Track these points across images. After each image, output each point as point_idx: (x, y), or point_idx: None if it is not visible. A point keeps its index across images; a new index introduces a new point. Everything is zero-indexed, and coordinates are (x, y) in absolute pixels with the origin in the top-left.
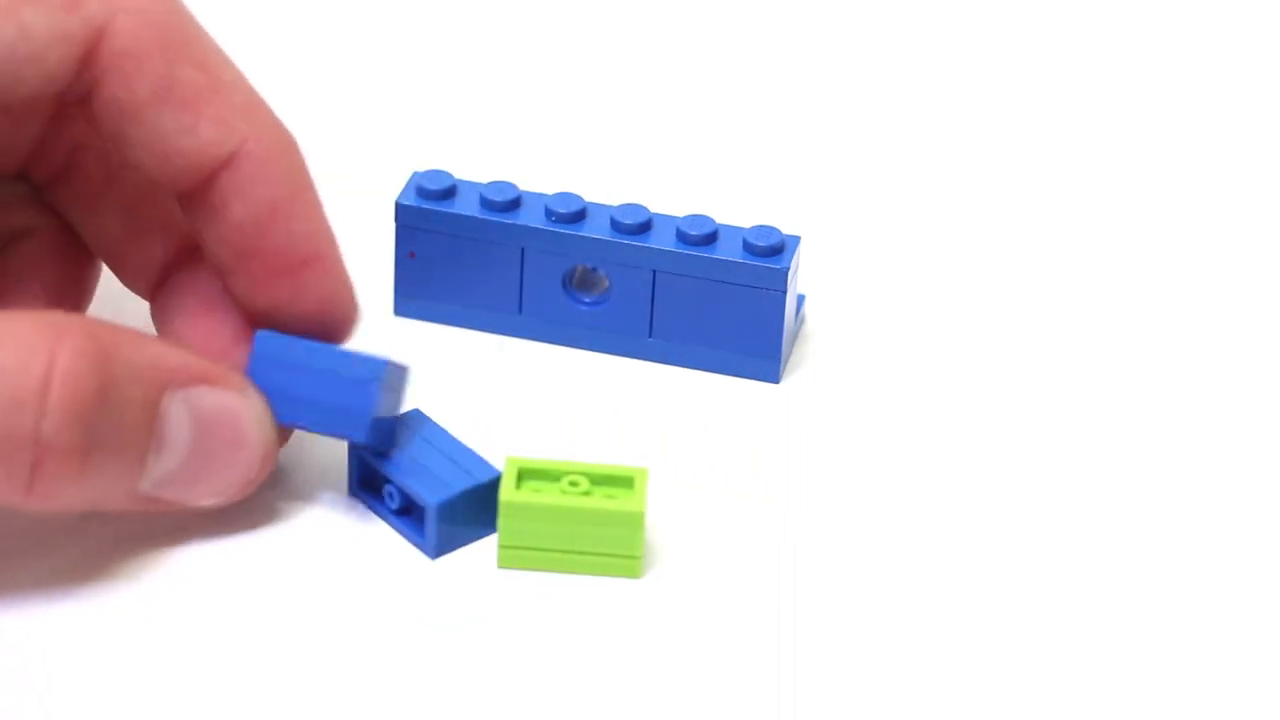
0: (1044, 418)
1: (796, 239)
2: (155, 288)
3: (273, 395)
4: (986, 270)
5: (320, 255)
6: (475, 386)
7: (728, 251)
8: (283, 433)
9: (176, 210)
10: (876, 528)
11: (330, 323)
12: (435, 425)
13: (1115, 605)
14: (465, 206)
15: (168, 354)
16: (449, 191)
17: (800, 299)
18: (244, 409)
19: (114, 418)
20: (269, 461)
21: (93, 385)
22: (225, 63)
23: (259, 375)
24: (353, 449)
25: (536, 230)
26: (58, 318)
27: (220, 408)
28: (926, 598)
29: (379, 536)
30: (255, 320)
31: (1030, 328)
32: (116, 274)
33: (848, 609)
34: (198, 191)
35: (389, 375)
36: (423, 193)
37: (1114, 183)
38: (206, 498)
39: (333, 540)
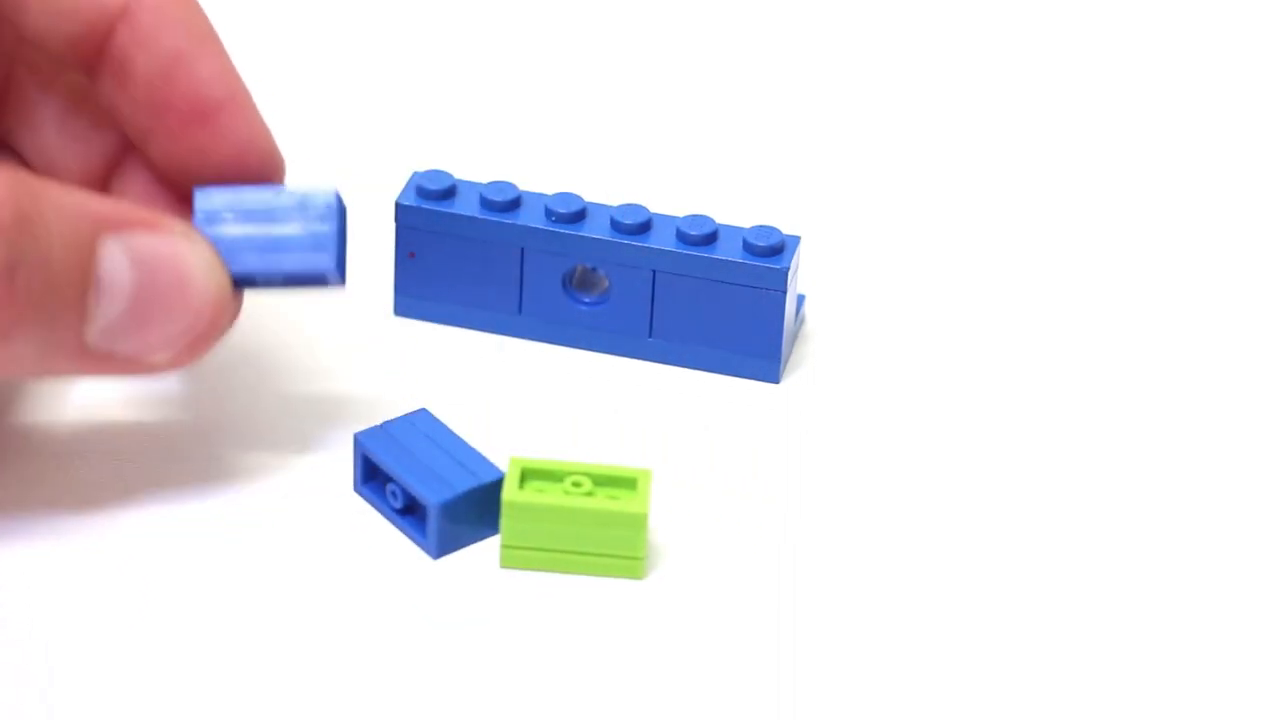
0: (1043, 417)
1: (796, 239)
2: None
3: (225, 247)
4: (986, 270)
5: (232, 98)
6: (475, 386)
7: (728, 251)
8: (237, 296)
9: (105, 113)
10: (876, 528)
11: (254, 168)
12: (441, 425)
13: (1114, 604)
14: (465, 206)
15: (98, 200)
16: (449, 191)
17: (800, 299)
18: (187, 251)
19: (43, 251)
20: (222, 312)
21: (10, 210)
22: None
23: (206, 231)
24: (359, 447)
25: (536, 230)
26: None
27: (161, 251)
28: (926, 597)
29: (382, 535)
30: (179, 185)
31: (1030, 327)
32: None
33: (848, 609)
34: (100, 54)
35: (340, 204)
36: (423, 193)
37: (1113, 183)
38: (158, 351)
39: (335, 539)
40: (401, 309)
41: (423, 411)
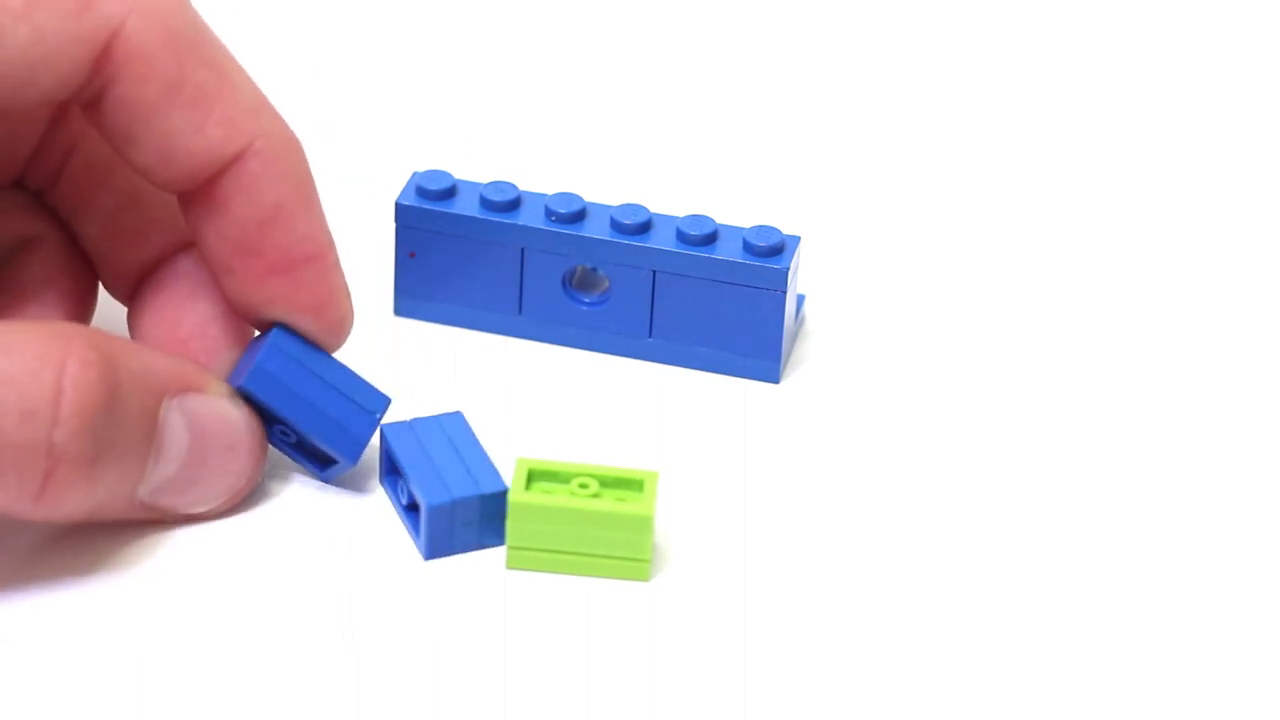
0: (1043, 417)
1: (796, 239)
2: (133, 292)
3: (279, 388)
4: (986, 270)
5: (319, 255)
6: (475, 387)
7: (728, 251)
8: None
9: (155, 217)
10: (877, 527)
11: (324, 324)
12: (469, 431)
13: (1114, 604)
14: (465, 206)
15: (161, 361)
16: (449, 191)
17: (800, 299)
18: (236, 415)
19: (119, 425)
20: (259, 470)
21: (101, 392)
22: (233, 63)
23: (272, 361)
24: (384, 441)
25: (536, 230)
26: (62, 327)
27: (215, 414)
28: (928, 597)
29: (391, 531)
30: (249, 319)
31: (1030, 327)
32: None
33: (850, 609)
34: (201, 190)
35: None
36: (423, 193)
37: (1113, 183)
38: (200, 504)
39: (345, 534)
40: (401, 309)
41: (457, 414)
